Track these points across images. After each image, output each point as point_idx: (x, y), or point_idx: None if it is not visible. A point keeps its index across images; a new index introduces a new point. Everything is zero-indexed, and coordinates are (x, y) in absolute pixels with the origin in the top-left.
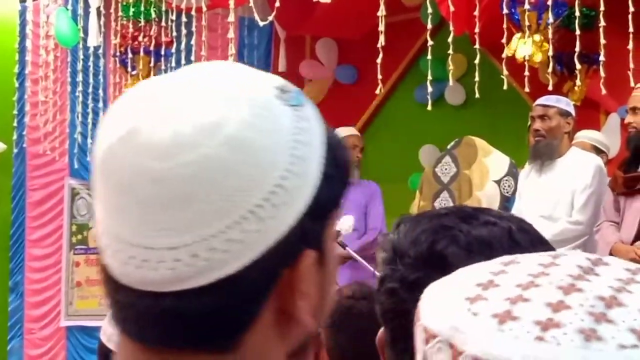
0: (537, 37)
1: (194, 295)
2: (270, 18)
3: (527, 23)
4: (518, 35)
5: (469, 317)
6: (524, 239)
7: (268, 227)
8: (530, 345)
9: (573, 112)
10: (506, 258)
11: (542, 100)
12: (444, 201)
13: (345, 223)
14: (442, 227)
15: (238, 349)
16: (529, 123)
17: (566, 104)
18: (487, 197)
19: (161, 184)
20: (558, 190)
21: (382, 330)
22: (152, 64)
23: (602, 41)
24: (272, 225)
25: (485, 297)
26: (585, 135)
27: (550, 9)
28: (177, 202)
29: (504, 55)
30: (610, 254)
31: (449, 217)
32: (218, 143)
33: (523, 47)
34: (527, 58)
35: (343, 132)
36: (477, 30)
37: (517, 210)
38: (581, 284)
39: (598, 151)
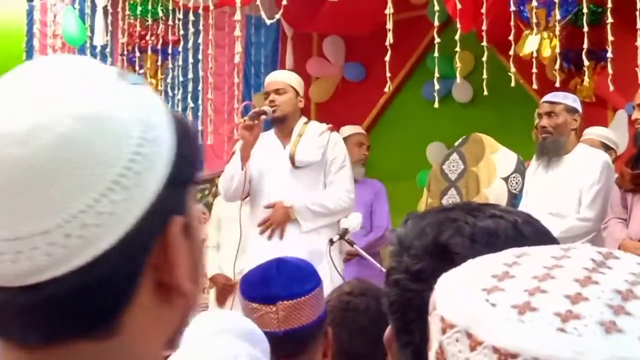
0: (546, 34)
1: (72, 278)
2: (278, 16)
3: (535, 20)
4: (527, 32)
5: (488, 308)
6: (529, 231)
7: (134, 196)
8: (552, 337)
9: (580, 109)
10: (517, 250)
11: (549, 97)
12: (451, 198)
13: (353, 220)
14: (448, 220)
15: (118, 334)
16: (535, 120)
17: (573, 100)
18: (494, 194)
19: (16, 170)
20: (566, 187)
21: (389, 327)
22: (159, 63)
23: (610, 38)
24: (138, 194)
25: (502, 288)
26: (594, 132)
27: (557, 5)
28: (35, 185)
29: (511, 53)
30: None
31: (454, 211)
32: (72, 121)
33: (531, 43)
34: (535, 54)
35: (349, 130)
36: (484, 27)
37: (524, 207)
38: (596, 277)
39: (607, 148)
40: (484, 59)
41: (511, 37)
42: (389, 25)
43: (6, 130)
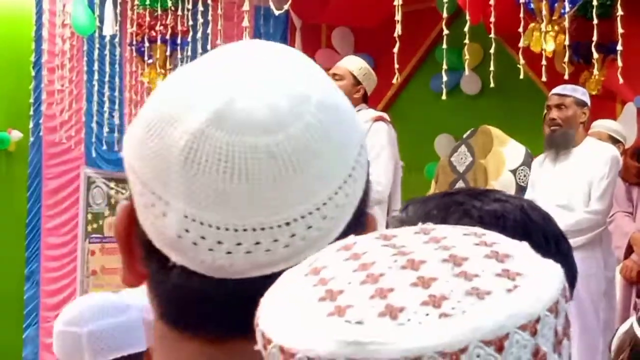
0: (550, 28)
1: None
2: (286, 7)
3: (543, 12)
4: (532, 25)
5: (357, 327)
6: (536, 215)
7: (357, 188)
8: (441, 325)
9: (589, 102)
10: (303, 270)
11: (558, 89)
12: None
13: None
14: (454, 203)
15: None
16: (544, 113)
17: (582, 93)
18: (502, 186)
19: (273, 158)
20: (574, 180)
21: None
22: (168, 53)
23: (620, 30)
24: (358, 187)
25: (348, 304)
26: (602, 124)
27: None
28: (291, 173)
29: (520, 45)
30: (629, 244)
31: (459, 195)
32: (315, 110)
33: (537, 37)
34: (547, 50)
35: None
36: (492, 19)
37: (530, 199)
38: (412, 257)
39: (615, 141)
40: (492, 51)
41: (520, 29)
42: (398, 16)
43: (253, 119)
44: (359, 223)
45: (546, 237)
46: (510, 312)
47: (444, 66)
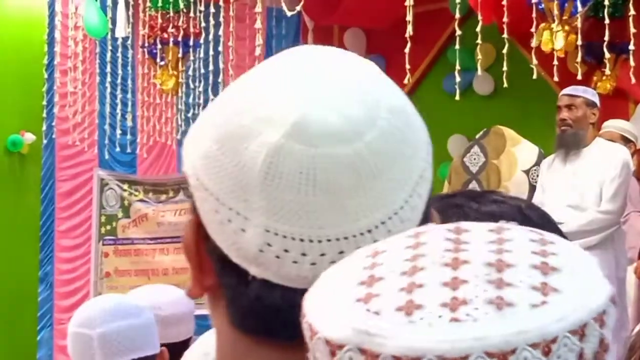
0: (560, 27)
1: None
2: (298, 8)
3: (555, 12)
4: (543, 25)
5: (372, 317)
6: (535, 215)
7: (426, 188)
8: (448, 329)
9: (599, 103)
10: (368, 250)
11: (568, 90)
12: None
13: None
14: (452, 205)
15: None
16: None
17: (592, 94)
18: (515, 186)
19: (354, 166)
20: (586, 180)
21: None
22: (180, 55)
23: (632, 30)
24: (428, 185)
25: (377, 293)
26: (614, 124)
27: None
28: (371, 179)
29: (532, 45)
30: None
31: (457, 197)
32: (387, 115)
33: (548, 37)
34: (557, 48)
35: None
36: (505, 19)
37: (538, 202)
38: (463, 256)
39: (626, 140)
40: (505, 51)
41: (532, 30)
42: (410, 17)
43: (330, 129)
44: (426, 222)
45: None
46: (522, 329)
47: (457, 67)
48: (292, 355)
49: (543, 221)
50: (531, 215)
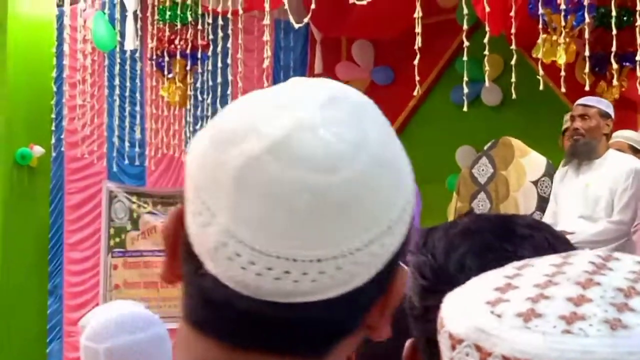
0: (563, 40)
1: (319, 306)
2: (306, 20)
3: (557, 24)
4: (543, 36)
5: (494, 319)
6: (562, 247)
7: (394, 241)
8: (559, 339)
9: (613, 115)
10: (519, 262)
11: (583, 100)
12: (481, 202)
13: None
14: (486, 249)
15: (326, 356)
16: (563, 127)
17: (606, 105)
18: (524, 197)
19: (320, 197)
20: (597, 191)
21: (410, 341)
22: (188, 67)
23: (639, 40)
24: (397, 240)
25: (507, 299)
26: (622, 135)
27: (574, 11)
28: (332, 215)
29: (533, 56)
30: None
31: (483, 235)
32: (367, 159)
33: (548, 48)
34: (558, 60)
35: None
36: (513, 30)
37: (551, 212)
38: (598, 278)
39: (635, 150)
40: (513, 62)
41: (539, 41)
42: (418, 29)
43: (309, 155)
44: (390, 272)
45: None
46: (632, 350)
47: (465, 78)
48: (230, 355)
49: (567, 250)
50: (559, 249)
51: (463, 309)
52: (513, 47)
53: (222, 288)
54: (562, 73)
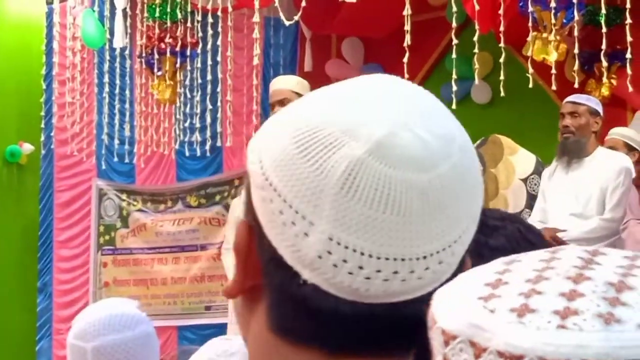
0: (553, 37)
1: (417, 302)
2: (296, 18)
3: (547, 22)
4: (535, 34)
5: (487, 314)
6: (534, 238)
7: (474, 229)
8: (554, 334)
9: (602, 113)
10: (507, 258)
11: (572, 97)
12: None
13: None
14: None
15: (406, 357)
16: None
17: (596, 103)
18: (513, 195)
19: (425, 195)
20: (588, 189)
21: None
22: (178, 65)
23: (629, 38)
24: (473, 230)
25: (499, 295)
26: (618, 132)
27: (563, 8)
28: (435, 211)
29: (529, 54)
30: None
31: None
32: (458, 152)
33: (539, 46)
34: (548, 57)
35: None
36: (502, 28)
37: (540, 209)
38: (588, 273)
39: (630, 148)
40: (502, 60)
41: (529, 38)
42: (407, 26)
43: (411, 154)
44: (463, 262)
45: None
46: (625, 345)
47: (454, 75)
48: None
49: (541, 241)
50: (532, 239)
51: (455, 305)
52: (502, 44)
53: (325, 295)
54: (553, 71)
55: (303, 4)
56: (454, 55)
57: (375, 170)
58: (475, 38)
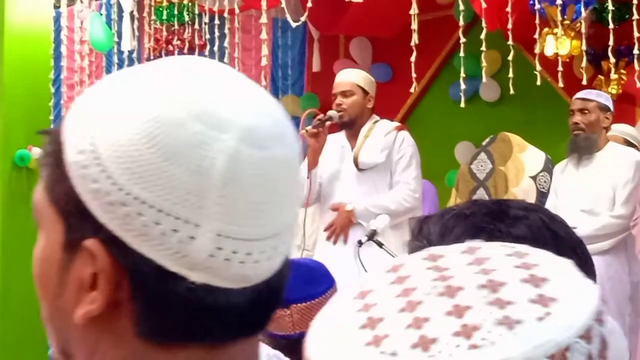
0: (563, 32)
1: (274, 279)
2: (303, 19)
3: (557, 17)
4: (546, 30)
5: (390, 359)
6: (558, 228)
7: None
8: (470, 356)
9: (612, 108)
10: (352, 292)
11: (582, 94)
12: (480, 198)
13: (381, 221)
14: (480, 230)
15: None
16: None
17: (606, 99)
18: (523, 193)
19: (288, 165)
20: (598, 185)
21: None
22: None
23: (637, 34)
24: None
25: (385, 334)
26: (617, 129)
27: (572, 3)
28: (296, 180)
29: (537, 51)
30: None
31: (477, 217)
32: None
33: (550, 44)
34: (558, 53)
35: None
36: (509, 26)
37: (552, 206)
38: (452, 282)
39: (629, 145)
40: (511, 57)
41: (536, 36)
42: (415, 25)
43: (269, 132)
44: None
45: (574, 248)
46: (538, 343)
47: (462, 74)
48: (214, 355)
49: (567, 231)
50: (557, 229)
51: (346, 357)
52: (510, 42)
53: (216, 291)
54: (560, 68)
55: (309, 4)
56: (462, 54)
57: (250, 156)
58: (483, 36)
